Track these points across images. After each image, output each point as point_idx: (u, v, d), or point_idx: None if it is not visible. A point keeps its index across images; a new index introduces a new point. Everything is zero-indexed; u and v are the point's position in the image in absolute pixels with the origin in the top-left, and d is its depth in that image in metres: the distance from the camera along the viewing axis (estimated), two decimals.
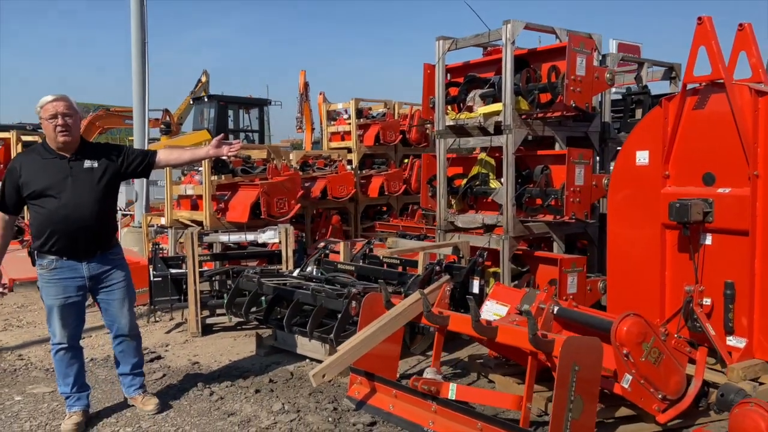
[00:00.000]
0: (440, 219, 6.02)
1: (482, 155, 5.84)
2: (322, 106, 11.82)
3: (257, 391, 4.27)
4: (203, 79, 21.01)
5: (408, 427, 3.56)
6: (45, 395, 4.32)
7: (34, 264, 3.77)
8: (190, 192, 7.74)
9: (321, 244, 6.56)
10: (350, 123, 10.20)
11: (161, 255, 6.43)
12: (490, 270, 5.58)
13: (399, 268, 5.52)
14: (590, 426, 3.13)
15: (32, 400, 4.23)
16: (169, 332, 5.90)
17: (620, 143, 5.49)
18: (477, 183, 5.82)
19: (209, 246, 6.68)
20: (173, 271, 6.01)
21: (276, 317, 5.01)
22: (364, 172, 9.97)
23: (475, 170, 5.92)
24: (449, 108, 5.97)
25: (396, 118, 10.38)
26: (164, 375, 4.66)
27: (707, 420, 3.59)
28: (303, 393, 4.23)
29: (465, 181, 5.95)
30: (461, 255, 5.46)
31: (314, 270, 5.62)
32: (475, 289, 4.90)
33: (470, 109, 5.68)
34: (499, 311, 4.00)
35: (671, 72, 6.34)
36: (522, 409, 3.21)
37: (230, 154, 4.14)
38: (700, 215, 4.04)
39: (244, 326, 5.86)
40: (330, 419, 3.78)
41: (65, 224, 3.62)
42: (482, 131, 5.61)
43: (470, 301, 3.55)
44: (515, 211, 5.38)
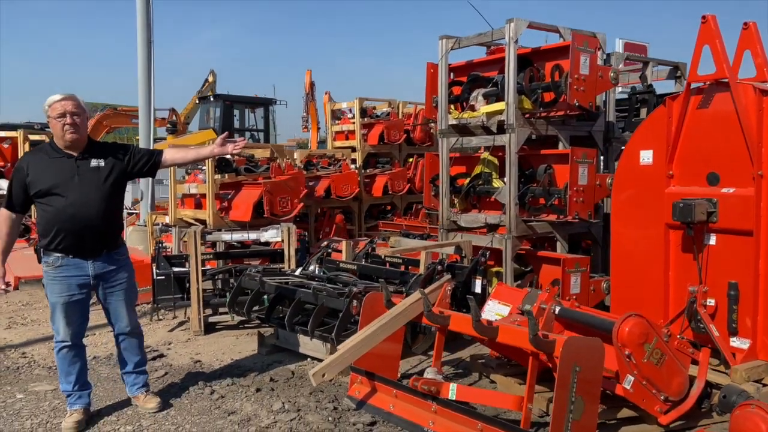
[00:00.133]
0: (443, 218, 6.00)
1: (485, 154, 5.81)
2: (328, 106, 11.82)
3: (258, 390, 4.27)
4: (210, 79, 21.01)
5: (408, 427, 3.56)
6: (47, 393, 4.33)
7: (40, 261, 3.79)
8: (194, 191, 7.74)
9: (324, 243, 6.55)
10: (354, 122, 10.20)
11: (165, 253, 6.45)
12: (493, 270, 5.56)
13: (401, 268, 5.51)
14: (591, 427, 3.11)
15: (34, 398, 4.25)
16: (172, 330, 5.92)
17: (625, 143, 5.46)
18: (480, 182, 5.80)
19: (212, 245, 6.69)
20: (176, 270, 6.03)
21: (278, 316, 5.01)
22: (368, 171, 9.95)
23: (478, 169, 5.89)
24: (452, 107, 5.94)
25: (400, 118, 10.37)
26: (166, 373, 4.67)
27: (710, 421, 3.56)
28: (303, 392, 4.23)
29: (468, 181, 5.92)
30: (464, 254, 5.44)
31: (316, 269, 5.63)
32: (478, 289, 4.88)
33: (473, 108, 5.66)
34: (501, 311, 3.99)
35: (676, 71, 6.29)
36: (523, 410, 3.19)
37: (235, 152, 4.15)
38: (704, 215, 4.00)
39: (247, 325, 5.86)
40: (330, 419, 3.77)
41: (72, 223, 3.64)
42: (485, 130, 5.59)
43: (471, 301, 3.53)
44: (518, 211, 5.36)
